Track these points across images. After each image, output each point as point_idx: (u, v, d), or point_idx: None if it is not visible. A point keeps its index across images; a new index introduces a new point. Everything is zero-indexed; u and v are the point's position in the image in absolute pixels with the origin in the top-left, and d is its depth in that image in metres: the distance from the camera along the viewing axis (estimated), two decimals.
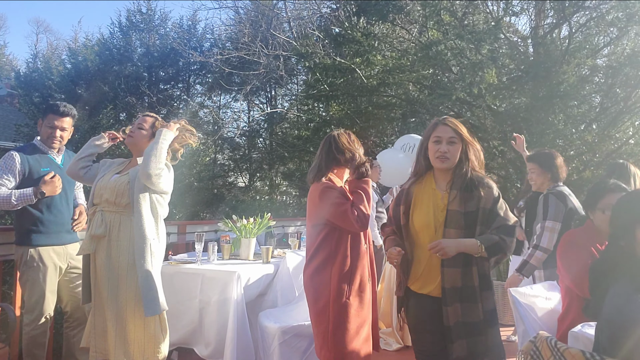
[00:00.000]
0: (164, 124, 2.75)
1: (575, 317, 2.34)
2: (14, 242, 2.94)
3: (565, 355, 1.48)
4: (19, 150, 2.93)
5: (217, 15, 33.98)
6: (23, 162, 2.87)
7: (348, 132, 2.59)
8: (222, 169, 12.74)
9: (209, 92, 13.08)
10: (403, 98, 8.80)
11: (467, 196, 2.07)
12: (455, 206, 2.07)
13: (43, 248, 2.88)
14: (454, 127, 2.15)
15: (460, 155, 2.13)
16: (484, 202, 2.06)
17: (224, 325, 2.98)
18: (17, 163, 2.86)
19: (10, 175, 2.83)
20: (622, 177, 3.04)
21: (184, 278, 3.17)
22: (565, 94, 6.47)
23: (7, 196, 2.77)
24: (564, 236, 2.56)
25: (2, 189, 2.79)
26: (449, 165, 2.12)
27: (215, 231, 4.70)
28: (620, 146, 6.93)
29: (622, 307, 1.49)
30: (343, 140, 2.50)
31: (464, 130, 2.16)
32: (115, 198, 2.54)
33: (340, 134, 2.53)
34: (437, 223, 2.10)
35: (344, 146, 2.48)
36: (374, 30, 8.74)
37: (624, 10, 6.40)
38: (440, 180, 2.17)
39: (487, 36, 6.89)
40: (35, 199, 2.81)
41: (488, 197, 2.08)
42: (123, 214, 2.52)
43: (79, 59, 12.35)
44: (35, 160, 2.93)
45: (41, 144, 3.02)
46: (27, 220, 2.88)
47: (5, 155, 2.89)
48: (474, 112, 7.78)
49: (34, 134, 10.63)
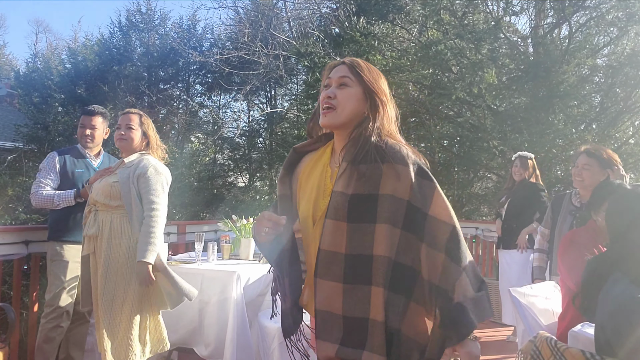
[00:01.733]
0: (146, 120, 2.79)
1: (574, 316, 2.34)
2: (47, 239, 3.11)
3: (565, 355, 1.48)
4: (59, 153, 3.15)
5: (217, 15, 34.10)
6: (60, 163, 3.08)
7: None
8: (222, 169, 12.72)
9: (209, 91, 13.06)
10: (403, 98, 8.80)
11: (361, 172, 1.31)
12: (340, 186, 1.34)
13: (67, 245, 3.01)
14: (352, 65, 1.43)
15: (357, 107, 1.40)
16: (392, 186, 1.30)
17: (223, 326, 2.98)
18: (56, 163, 3.07)
19: (53, 175, 3.05)
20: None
21: (183, 278, 3.16)
22: (565, 93, 6.47)
23: (51, 196, 2.99)
24: (566, 235, 2.54)
25: (47, 189, 3.01)
26: (336, 121, 1.39)
27: (215, 231, 4.70)
28: (620, 146, 6.93)
29: (625, 306, 1.49)
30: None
31: (368, 73, 1.43)
32: (104, 199, 2.60)
33: None
34: (318, 214, 1.40)
35: None
36: (373, 30, 8.73)
37: (624, 10, 6.40)
38: (338, 149, 1.45)
39: (487, 36, 6.89)
40: (75, 201, 3.01)
41: (400, 178, 1.30)
42: (114, 213, 2.58)
43: (78, 58, 12.33)
44: (71, 162, 3.12)
45: (81, 147, 3.22)
46: (58, 217, 3.04)
47: (47, 156, 3.13)
48: (474, 111, 7.78)
49: (33, 134, 10.66)
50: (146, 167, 2.64)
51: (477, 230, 5.93)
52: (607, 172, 2.79)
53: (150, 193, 2.59)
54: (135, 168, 2.65)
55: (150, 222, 2.54)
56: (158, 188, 2.61)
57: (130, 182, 2.59)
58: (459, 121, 8.09)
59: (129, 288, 2.53)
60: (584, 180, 2.82)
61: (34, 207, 3.18)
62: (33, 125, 10.86)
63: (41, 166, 3.10)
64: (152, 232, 2.52)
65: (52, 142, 10.04)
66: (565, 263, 2.41)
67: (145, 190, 2.60)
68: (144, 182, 2.60)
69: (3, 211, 8.46)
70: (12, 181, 9.25)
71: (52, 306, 2.96)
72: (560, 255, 2.46)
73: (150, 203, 2.57)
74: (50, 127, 10.36)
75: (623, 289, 1.51)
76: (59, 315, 2.96)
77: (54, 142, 9.98)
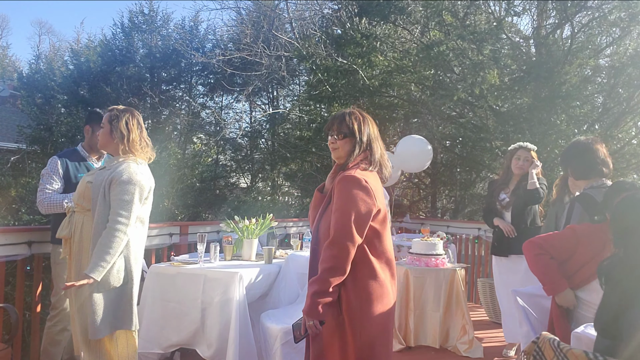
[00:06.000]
0: (125, 115, 2.53)
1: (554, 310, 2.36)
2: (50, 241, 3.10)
3: (568, 356, 1.48)
4: (60, 156, 3.12)
5: (219, 16, 34.12)
6: (63, 167, 3.05)
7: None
8: (224, 170, 12.74)
9: (211, 92, 13.08)
10: (405, 99, 8.79)
11: None
12: None
13: None
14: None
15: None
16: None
17: (226, 326, 2.98)
18: (59, 167, 3.05)
19: (57, 178, 3.03)
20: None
21: (186, 279, 3.17)
22: (567, 94, 6.45)
23: (60, 200, 2.95)
24: (583, 226, 2.50)
25: (53, 193, 2.99)
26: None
27: (217, 232, 4.71)
28: (622, 146, 6.91)
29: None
30: None
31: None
32: (78, 199, 2.51)
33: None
34: None
35: None
36: (375, 31, 8.73)
37: (626, 10, 6.37)
38: None
39: (489, 36, 6.87)
40: None
41: None
42: (87, 215, 2.48)
43: (81, 60, 12.37)
44: (73, 165, 3.09)
45: (82, 149, 3.18)
46: (60, 220, 2.97)
47: (49, 161, 3.10)
48: (476, 112, 7.77)
49: (36, 135, 10.68)
50: (120, 174, 2.41)
51: (479, 231, 5.92)
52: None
53: (118, 204, 2.37)
54: (111, 172, 2.45)
55: (110, 235, 2.33)
56: (127, 199, 2.39)
57: (102, 186, 2.41)
58: (461, 122, 8.08)
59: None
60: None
61: (43, 214, 3.13)
62: (36, 127, 10.88)
63: (44, 172, 3.05)
64: (109, 247, 2.31)
65: (55, 143, 10.06)
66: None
67: (114, 200, 2.39)
68: (115, 190, 2.39)
69: (6, 212, 8.49)
70: (15, 182, 9.28)
71: (58, 309, 2.95)
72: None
73: (116, 215, 2.36)
74: (53, 128, 10.39)
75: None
76: (64, 318, 2.95)
77: (56, 143, 10.00)
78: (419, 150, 6.27)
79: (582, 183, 2.76)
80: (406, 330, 3.94)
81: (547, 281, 2.39)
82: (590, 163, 2.69)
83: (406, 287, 3.93)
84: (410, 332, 3.92)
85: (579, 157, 2.74)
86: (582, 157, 2.73)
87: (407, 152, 6.26)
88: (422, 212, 10.91)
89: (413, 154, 6.28)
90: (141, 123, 2.60)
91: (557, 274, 2.38)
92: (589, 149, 2.73)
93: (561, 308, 2.37)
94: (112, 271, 2.36)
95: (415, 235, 5.62)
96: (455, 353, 3.88)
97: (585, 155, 2.72)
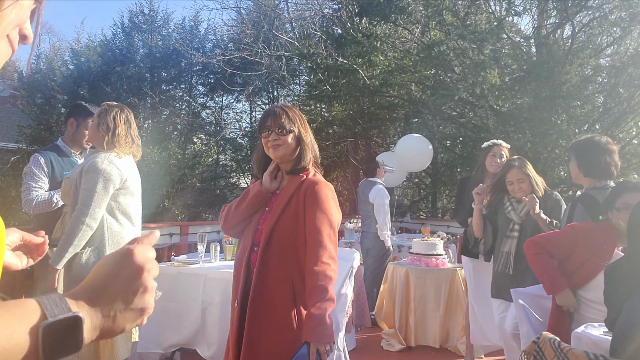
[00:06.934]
0: (112, 110, 2.46)
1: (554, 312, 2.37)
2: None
3: (568, 356, 1.47)
4: (42, 153, 2.96)
5: (219, 16, 34.11)
6: (47, 164, 2.90)
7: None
8: (224, 170, 12.75)
9: (211, 92, 13.09)
10: (405, 98, 8.79)
11: None
12: None
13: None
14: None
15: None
16: None
17: (226, 326, 2.98)
18: (43, 165, 2.89)
19: (43, 176, 2.87)
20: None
21: (186, 279, 3.17)
22: (568, 94, 6.45)
23: (49, 197, 2.81)
24: (583, 224, 2.50)
25: (40, 191, 2.84)
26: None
27: (218, 232, 4.71)
28: (623, 146, 6.91)
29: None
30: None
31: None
32: (64, 199, 2.47)
33: None
34: None
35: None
36: (376, 30, 8.73)
37: (627, 10, 6.37)
38: None
39: (490, 36, 6.87)
40: None
41: None
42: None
43: (81, 60, 12.36)
44: (57, 162, 2.94)
45: (64, 145, 3.03)
46: (45, 221, 2.89)
47: (31, 159, 2.93)
48: (477, 112, 7.77)
49: (36, 135, 10.69)
50: (87, 163, 2.34)
51: None
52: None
53: (81, 194, 2.30)
54: (83, 164, 2.38)
55: (72, 225, 2.28)
56: (89, 187, 2.29)
57: (75, 180, 2.35)
58: (462, 122, 8.08)
59: None
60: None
61: (31, 214, 2.96)
62: (36, 127, 10.89)
63: (27, 170, 2.88)
64: (71, 237, 2.26)
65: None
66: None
67: (80, 191, 2.32)
68: (83, 180, 2.32)
69: (6, 212, 8.49)
70: (15, 182, 9.27)
71: None
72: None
73: (79, 205, 2.30)
74: (53, 128, 10.40)
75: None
76: None
77: None
78: (419, 149, 6.27)
79: (587, 180, 2.74)
80: (406, 330, 3.94)
81: (547, 280, 2.39)
82: (605, 164, 2.67)
83: (406, 287, 3.93)
84: (410, 332, 3.92)
85: (596, 156, 2.70)
86: (599, 156, 2.69)
87: (408, 151, 6.26)
88: (423, 212, 10.91)
89: (413, 154, 6.28)
90: (130, 120, 2.51)
91: (556, 272, 2.38)
92: (608, 150, 2.70)
93: (561, 308, 2.37)
94: (81, 262, 2.30)
95: (416, 235, 5.62)
96: (455, 353, 3.88)
97: (603, 155, 2.69)
